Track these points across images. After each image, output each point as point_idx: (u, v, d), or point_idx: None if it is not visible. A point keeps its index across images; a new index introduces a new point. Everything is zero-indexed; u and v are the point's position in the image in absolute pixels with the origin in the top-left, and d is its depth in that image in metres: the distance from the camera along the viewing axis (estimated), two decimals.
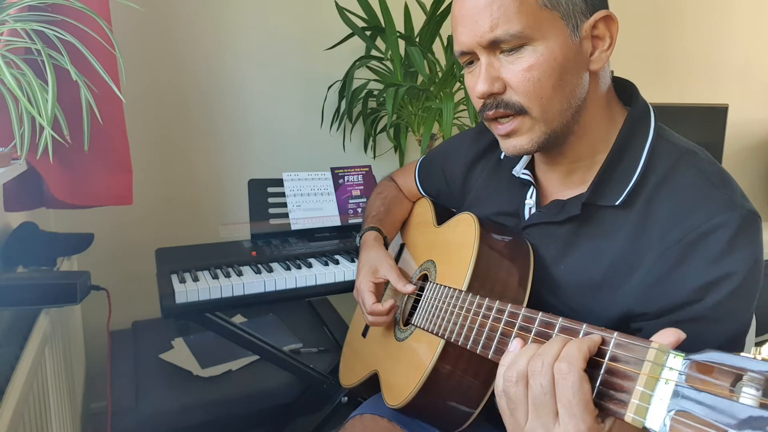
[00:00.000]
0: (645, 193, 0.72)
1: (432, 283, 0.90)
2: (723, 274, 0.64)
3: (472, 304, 0.73)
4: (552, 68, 0.69)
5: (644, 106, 0.78)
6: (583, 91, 0.72)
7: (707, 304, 0.65)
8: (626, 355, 0.49)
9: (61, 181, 1.19)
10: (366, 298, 0.96)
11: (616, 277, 0.72)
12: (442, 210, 1.10)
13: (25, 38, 0.92)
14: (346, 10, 1.83)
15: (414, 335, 0.90)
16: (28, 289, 1.00)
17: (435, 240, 1.01)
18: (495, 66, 0.71)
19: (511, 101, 0.72)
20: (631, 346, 0.49)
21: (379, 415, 0.92)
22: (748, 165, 2.86)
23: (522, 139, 0.74)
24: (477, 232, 0.84)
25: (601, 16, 0.70)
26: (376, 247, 1.04)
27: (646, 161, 0.73)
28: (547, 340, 0.58)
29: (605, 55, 0.72)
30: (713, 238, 0.65)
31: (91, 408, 1.75)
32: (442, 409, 0.81)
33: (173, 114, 1.84)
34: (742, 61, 2.76)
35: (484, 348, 0.68)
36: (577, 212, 0.75)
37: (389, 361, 0.95)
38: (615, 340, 0.51)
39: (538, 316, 0.61)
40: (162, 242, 1.53)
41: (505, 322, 0.66)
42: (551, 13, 0.68)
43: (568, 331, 0.57)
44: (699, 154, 0.74)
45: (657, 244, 0.69)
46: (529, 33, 0.68)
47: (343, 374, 1.16)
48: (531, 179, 0.85)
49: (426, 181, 1.15)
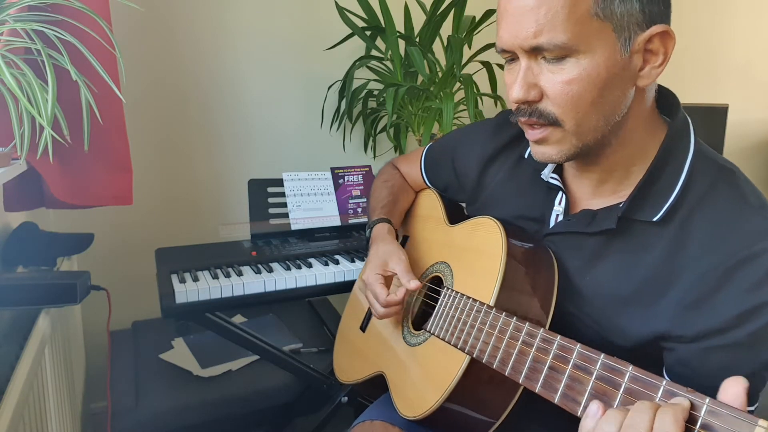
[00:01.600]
0: (682, 211, 0.70)
1: (450, 289, 0.86)
2: (761, 303, 0.63)
3: (507, 324, 0.71)
4: (593, 84, 0.66)
5: (684, 119, 0.75)
6: (624, 106, 0.69)
7: (743, 332, 0.64)
8: (723, 427, 0.46)
9: (61, 181, 1.19)
10: (378, 290, 0.92)
11: (648, 293, 0.70)
12: (452, 206, 1.06)
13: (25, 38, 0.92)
14: (346, 10, 1.82)
15: (430, 343, 0.87)
16: (28, 289, 1.00)
17: (449, 241, 0.97)
18: (534, 72, 0.68)
19: (545, 111, 0.69)
20: (729, 417, 0.45)
21: (390, 423, 0.89)
22: (748, 165, 2.86)
23: (551, 149, 0.72)
24: (504, 242, 0.80)
25: (657, 31, 0.66)
26: (389, 240, 1.00)
27: (686, 178, 0.70)
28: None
29: (656, 71, 0.68)
30: (753, 266, 0.64)
31: (91, 408, 1.75)
32: (461, 422, 0.78)
33: (173, 114, 1.84)
34: (742, 61, 2.76)
35: (514, 371, 0.67)
36: (612, 226, 0.72)
37: (400, 367, 0.92)
38: (708, 406, 0.47)
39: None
40: (162, 242, 1.53)
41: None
42: (602, 24, 0.64)
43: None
44: (736, 173, 0.72)
45: (694, 266, 0.67)
46: (574, 45, 0.64)
47: (340, 369, 1.11)
48: (560, 184, 0.82)
49: (433, 172, 1.10)
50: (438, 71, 1.85)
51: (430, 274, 0.97)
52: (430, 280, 0.97)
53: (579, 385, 0.59)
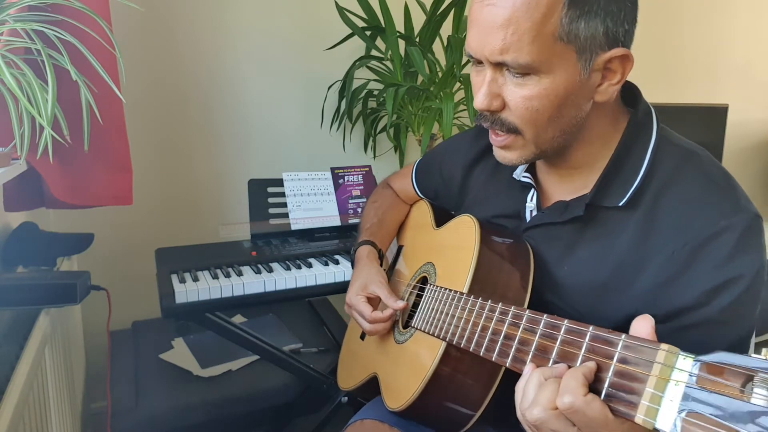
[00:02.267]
0: (649, 194, 0.72)
1: (432, 285, 0.89)
2: (730, 278, 0.65)
3: (474, 305, 0.73)
4: (551, 102, 0.69)
5: (646, 108, 0.78)
6: (581, 118, 0.72)
7: (715, 308, 0.65)
8: (635, 357, 0.50)
9: (61, 181, 1.19)
10: (363, 308, 0.96)
11: (621, 278, 0.72)
12: (441, 212, 1.09)
13: (25, 38, 0.92)
14: (346, 10, 1.82)
15: (414, 338, 0.90)
16: (28, 289, 1.00)
17: (434, 242, 1.01)
18: (498, 83, 0.71)
19: (507, 120, 0.72)
20: (640, 348, 0.50)
21: (380, 420, 0.91)
22: (748, 165, 2.86)
23: (512, 154, 0.76)
24: (477, 235, 0.84)
25: (618, 54, 0.68)
26: (368, 264, 1.04)
27: (650, 163, 0.73)
28: (553, 343, 0.58)
29: (613, 88, 0.71)
30: (719, 242, 0.65)
31: (91, 408, 1.75)
32: (443, 412, 0.80)
33: (173, 114, 1.84)
34: (742, 61, 2.75)
35: (487, 351, 0.68)
36: (581, 213, 0.75)
37: (389, 364, 0.95)
38: (623, 342, 0.52)
39: (543, 318, 0.61)
40: (162, 242, 1.53)
41: (510, 323, 0.66)
42: (566, 47, 0.66)
43: (574, 333, 0.57)
44: (701, 155, 0.74)
45: (663, 248, 0.69)
46: (537, 66, 0.66)
47: (341, 377, 1.16)
48: (532, 182, 0.85)
49: (423, 182, 1.15)
50: (438, 71, 1.85)
51: (418, 275, 1.00)
52: (419, 281, 0.99)
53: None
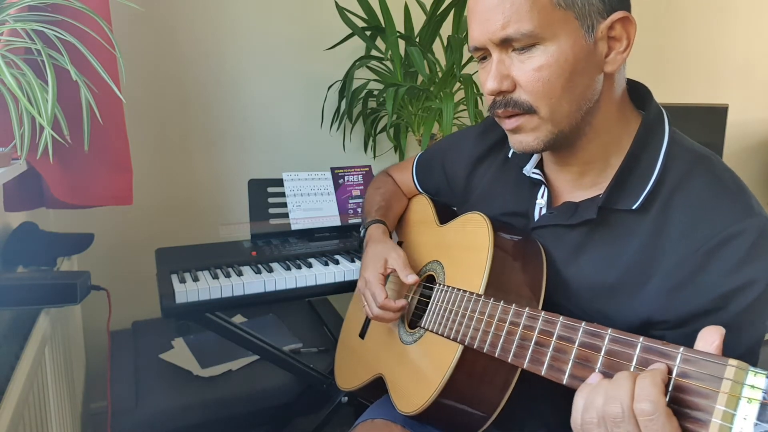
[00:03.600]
0: (661, 198, 0.71)
1: (441, 285, 0.88)
2: (744, 283, 0.64)
3: (495, 309, 0.72)
4: (562, 69, 0.68)
5: (658, 110, 0.77)
6: (595, 92, 0.72)
7: (729, 313, 0.65)
8: (698, 372, 0.48)
9: (61, 181, 1.19)
10: (377, 291, 0.93)
11: (631, 282, 0.71)
12: (443, 208, 1.08)
13: (25, 38, 0.92)
14: (346, 10, 1.82)
15: (424, 339, 0.88)
16: (28, 289, 1.00)
17: (440, 240, 0.98)
18: (506, 63, 0.71)
19: (520, 100, 0.72)
20: (703, 362, 0.48)
21: (392, 420, 0.90)
22: (748, 165, 2.86)
23: (528, 136, 0.74)
24: (491, 234, 0.82)
25: (618, 17, 0.69)
26: (384, 239, 1.02)
27: (662, 166, 0.72)
28: (596, 353, 0.56)
29: (621, 57, 0.71)
30: (732, 247, 0.65)
31: (91, 408, 1.75)
32: (457, 415, 0.79)
33: (173, 114, 1.84)
34: (742, 61, 2.75)
35: (503, 351, 0.68)
36: (593, 216, 0.74)
37: (397, 366, 0.93)
38: (681, 355, 0.50)
39: (581, 326, 0.59)
40: (162, 242, 1.53)
41: (541, 330, 0.64)
42: (565, 13, 0.67)
43: (621, 343, 0.55)
44: (713, 159, 0.73)
45: (674, 251, 0.68)
46: (540, 33, 0.67)
47: (340, 377, 1.13)
48: (542, 179, 0.84)
49: (424, 178, 1.14)
50: (438, 71, 1.85)
51: (423, 273, 0.98)
52: (424, 279, 0.98)
53: (563, 355, 0.60)
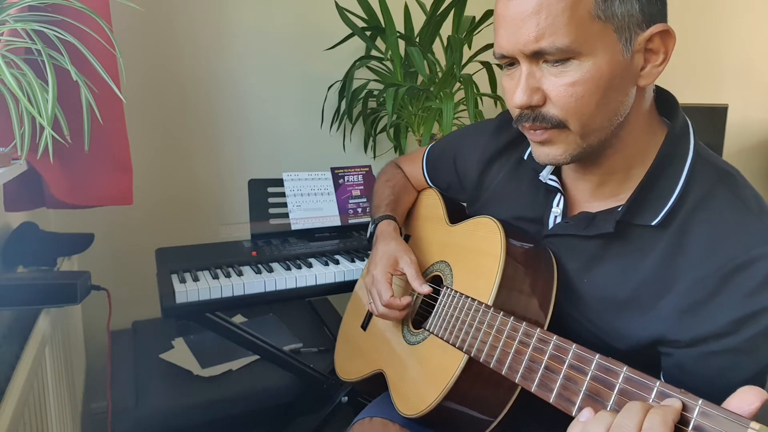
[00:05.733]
0: (681, 215, 0.69)
1: (449, 289, 0.87)
2: (759, 309, 0.63)
3: (505, 324, 0.71)
4: (597, 85, 0.65)
5: (684, 122, 0.74)
6: (627, 106, 0.69)
7: (740, 338, 0.63)
8: (714, 428, 0.45)
9: (61, 181, 1.19)
10: (383, 289, 0.92)
11: (645, 297, 0.70)
12: (454, 206, 1.06)
13: (25, 38, 0.92)
14: (346, 10, 1.82)
15: (429, 342, 0.88)
16: (28, 289, 1.00)
17: (449, 241, 0.97)
18: (536, 76, 0.67)
19: (549, 114, 0.68)
20: (722, 420, 0.45)
21: (390, 419, 0.90)
22: (748, 165, 2.86)
23: (557, 150, 0.71)
24: (503, 241, 0.80)
25: (658, 30, 0.66)
26: (396, 238, 1.00)
27: (685, 182, 0.70)
28: (610, 390, 0.54)
29: (657, 70, 0.68)
30: (750, 271, 0.63)
31: (91, 408, 1.75)
32: (459, 421, 0.79)
33: (173, 114, 1.84)
34: (742, 61, 2.75)
35: (510, 370, 0.67)
36: (610, 230, 0.72)
37: (399, 366, 0.93)
38: (700, 408, 0.47)
39: (595, 359, 0.58)
40: (162, 242, 1.53)
41: (551, 355, 0.63)
42: (604, 26, 0.64)
43: (636, 384, 0.53)
44: (737, 177, 0.71)
45: (691, 271, 0.66)
46: (577, 47, 0.63)
47: (340, 366, 1.12)
48: (559, 186, 0.82)
49: (435, 172, 1.11)
50: (438, 71, 1.85)
51: (430, 273, 0.97)
52: (430, 279, 0.97)
53: (574, 385, 0.59)
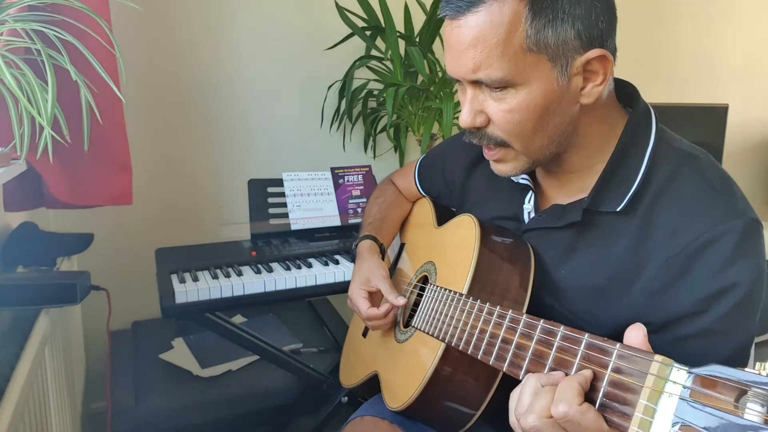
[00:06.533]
0: (647, 199, 0.71)
1: (432, 285, 0.89)
2: (727, 285, 0.63)
3: (473, 308, 0.73)
4: (534, 112, 0.69)
5: (645, 109, 0.76)
6: (571, 122, 0.72)
7: (712, 317, 0.64)
8: (629, 367, 0.49)
9: (60, 181, 1.19)
10: (360, 304, 0.97)
11: (618, 284, 0.71)
12: (443, 210, 1.09)
13: (25, 38, 0.92)
14: (346, 10, 1.83)
15: (414, 337, 0.90)
16: (28, 289, 1.00)
17: (435, 241, 1.01)
18: (479, 99, 0.72)
19: (493, 135, 0.73)
20: (634, 358, 0.49)
21: (380, 417, 0.91)
22: (748, 165, 2.86)
23: (506, 166, 0.77)
24: (477, 235, 0.83)
25: (594, 56, 0.68)
26: (369, 257, 1.04)
27: (648, 166, 0.71)
28: (549, 349, 0.58)
29: (597, 89, 0.70)
30: (716, 248, 0.64)
31: (91, 408, 1.75)
32: (443, 411, 0.80)
33: (173, 114, 1.84)
34: (742, 62, 2.75)
35: (485, 354, 0.68)
36: (578, 218, 0.74)
37: (389, 363, 0.95)
38: (618, 351, 0.51)
39: (539, 323, 0.61)
40: (162, 242, 1.53)
41: (507, 327, 0.65)
42: (537, 56, 0.66)
43: (570, 340, 0.56)
44: (701, 157, 0.72)
45: (659, 253, 0.68)
46: (511, 79, 0.67)
47: (343, 374, 1.16)
48: (530, 184, 0.85)
49: (426, 182, 1.15)
50: (438, 71, 1.85)
51: (420, 274, 1.00)
52: (419, 280, 1.00)
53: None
